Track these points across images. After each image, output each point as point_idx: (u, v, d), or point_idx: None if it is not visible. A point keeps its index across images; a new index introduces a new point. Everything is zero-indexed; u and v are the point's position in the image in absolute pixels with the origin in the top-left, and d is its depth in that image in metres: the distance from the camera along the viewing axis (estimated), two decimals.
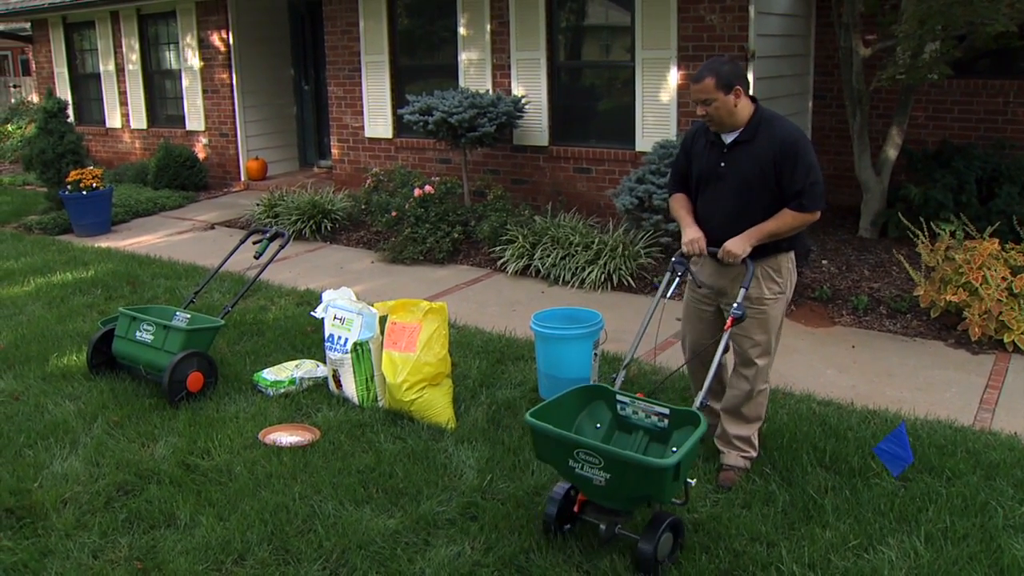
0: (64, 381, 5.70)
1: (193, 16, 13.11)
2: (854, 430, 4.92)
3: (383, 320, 5.21)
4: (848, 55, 8.60)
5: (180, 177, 12.60)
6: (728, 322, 4.05)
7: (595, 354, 4.71)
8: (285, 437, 4.80)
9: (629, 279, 7.71)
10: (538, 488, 4.30)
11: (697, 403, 3.88)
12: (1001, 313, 6.25)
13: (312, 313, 5.48)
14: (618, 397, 3.93)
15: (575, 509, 3.86)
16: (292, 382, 5.42)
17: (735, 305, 4.03)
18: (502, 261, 8.27)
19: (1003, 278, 6.37)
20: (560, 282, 7.83)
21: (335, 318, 5.27)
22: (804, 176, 4.08)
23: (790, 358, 6.08)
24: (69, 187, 10.28)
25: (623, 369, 4.12)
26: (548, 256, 8.00)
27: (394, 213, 8.85)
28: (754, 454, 4.55)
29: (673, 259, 4.29)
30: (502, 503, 4.18)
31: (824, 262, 8.03)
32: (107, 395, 5.42)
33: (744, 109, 4.15)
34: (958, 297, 6.42)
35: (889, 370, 5.95)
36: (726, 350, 4.09)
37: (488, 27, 9.98)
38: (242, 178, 13.25)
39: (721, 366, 4.52)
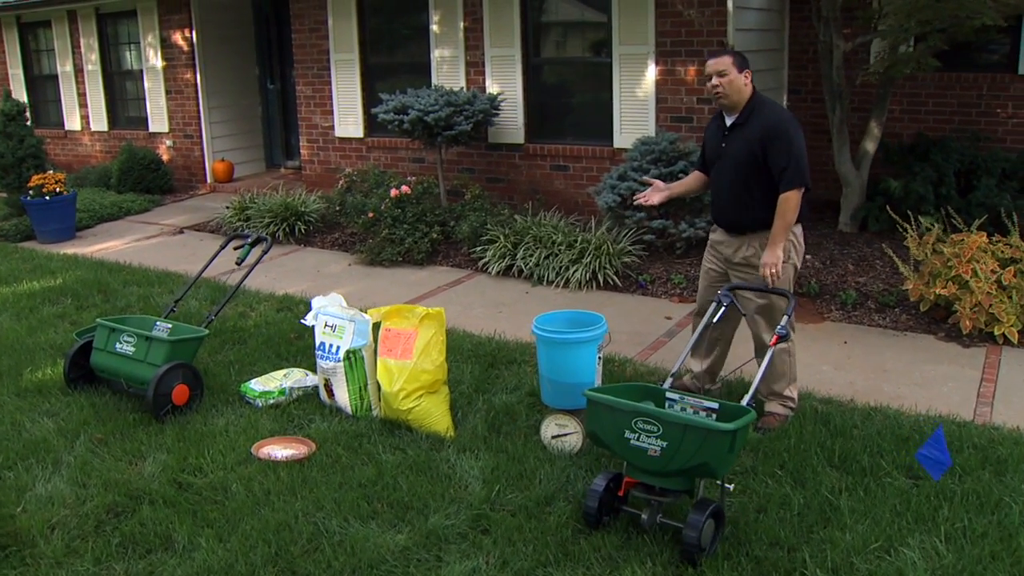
0: (40, 396, 5.45)
1: (155, 15, 12.79)
2: (859, 428, 4.86)
3: (376, 327, 5.04)
4: (827, 49, 8.54)
5: (144, 180, 12.28)
6: (773, 339, 4.33)
7: (599, 358, 4.58)
8: (280, 451, 4.62)
9: (614, 278, 7.60)
10: (547, 498, 4.17)
11: (746, 400, 3.94)
12: (991, 306, 6.22)
13: (302, 320, 5.29)
14: (668, 395, 4.06)
15: (620, 494, 3.93)
16: (282, 392, 5.23)
17: (780, 325, 4.42)
18: (483, 262, 8.12)
19: (992, 271, 6.35)
20: (544, 282, 7.70)
21: (326, 325, 5.09)
22: (786, 155, 4.50)
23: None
24: (31, 192, 9.96)
25: (671, 376, 4.31)
26: (531, 256, 7.86)
27: (371, 214, 8.66)
28: (793, 406, 5.03)
29: (720, 291, 4.62)
30: (512, 514, 4.04)
31: (808, 256, 7.96)
32: (88, 411, 5.19)
33: (746, 93, 4.64)
34: (948, 291, 6.38)
35: (884, 365, 5.90)
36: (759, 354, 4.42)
37: (461, 24, 9.82)
38: (208, 180, 12.96)
39: (715, 340, 5.17)
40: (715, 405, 3.99)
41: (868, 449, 4.59)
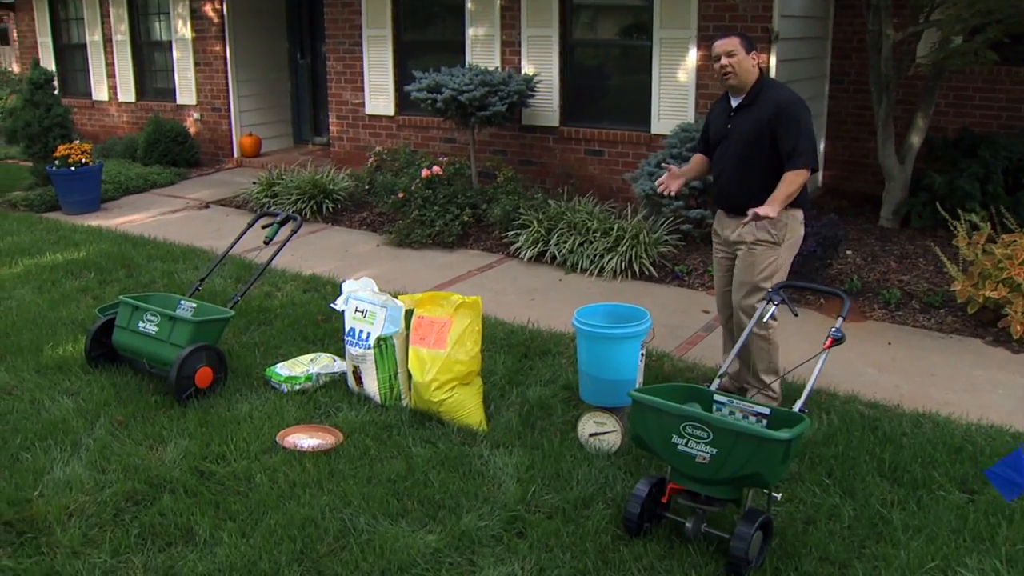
0: (61, 374, 5.30)
1: None
2: (908, 436, 4.64)
3: (408, 314, 4.85)
4: (875, 39, 8.27)
5: (171, 153, 12.13)
6: (827, 342, 4.13)
7: (642, 355, 4.38)
8: (306, 440, 4.45)
9: (650, 268, 7.38)
10: (585, 500, 3.98)
11: (798, 406, 3.79)
12: None
13: (332, 305, 5.11)
14: (715, 397, 3.89)
15: (663, 500, 3.77)
16: (308, 378, 5.05)
17: (835, 328, 4.15)
18: (516, 247, 7.91)
19: None
20: (578, 269, 7.49)
21: (356, 311, 4.90)
22: (796, 135, 4.48)
23: (831, 356, 5.79)
24: (57, 162, 9.82)
25: (718, 378, 4.16)
26: (565, 242, 7.65)
27: (401, 194, 8.47)
28: (775, 397, 4.95)
29: (771, 289, 4.49)
30: (548, 517, 3.86)
31: (849, 252, 7.72)
32: (108, 391, 5.03)
33: (754, 74, 4.63)
34: (998, 293, 6.13)
35: (930, 369, 5.67)
36: None
37: (497, 2, 9.58)
38: (235, 155, 12.80)
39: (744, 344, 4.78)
40: (766, 410, 3.80)
41: (919, 459, 4.38)
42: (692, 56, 8.56)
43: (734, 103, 4.73)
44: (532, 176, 9.58)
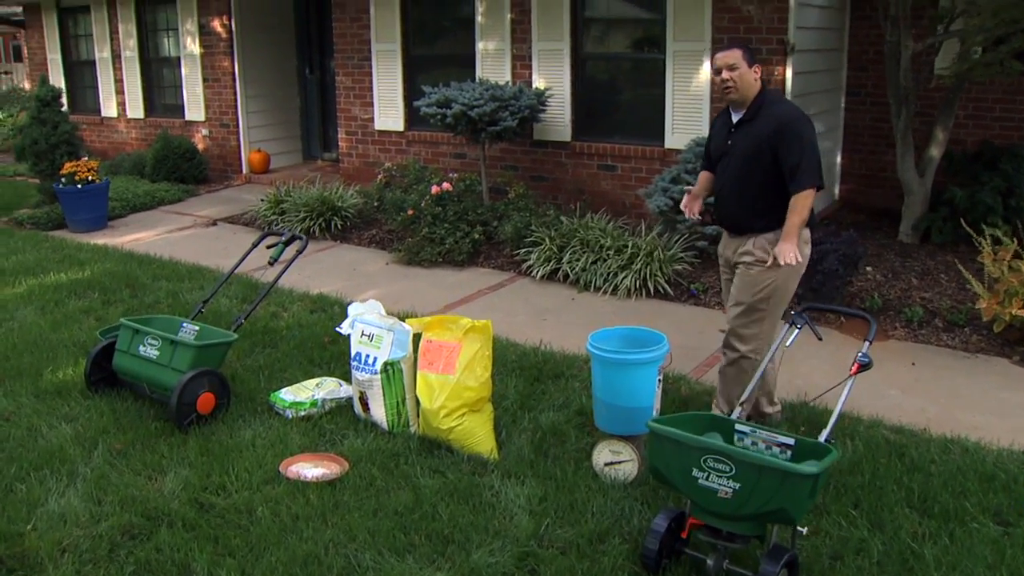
0: (60, 399, 5.16)
1: (193, 1, 12.53)
2: (937, 463, 4.45)
3: (416, 338, 4.68)
4: (894, 50, 8.09)
5: (179, 169, 12.02)
6: (854, 367, 3.91)
7: (659, 381, 4.21)
8: (310, 469, 4.28)
9: (665, 286, 7.21)
10: (601, 534, 3.80)
11: (824, 436, 3.61)
12: None
13: (338, 329, 4.95)
14: (737, 427, 3.72)
15: (683, 535, 3.59)
16: (314, 404, 4.89)
17: (861, 352, 3.93)
18: (527, 264, 7.75)
19: None
20: (591, 288, 7.32)
21: (363, 334, 4.74)
22: (799, 152, 4.30)
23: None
24: (63, 180, 9.72)
25: (740, 406, 4.00)
26: (577, 260, 7.48)
27: (410, 211, 8.31)
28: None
29: (794, 312, 4.26)
30: (562, 552, 3.68)
31: (868, 269, 7.53)
32: (108, 417, 4.88)
33: (755, 88, 4.45)
34: None
35: (956, 391, 5.48)
36: None
37: (508, 15, 9.45)
38: (244, 171, 12.69)
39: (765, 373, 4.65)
40: (790, 440, 3.62)
41: (950, 488, 4.19)
42: (706, 69, 8.39)
43: (735, 118, 4.57)
44: (544, 192, 9.42)
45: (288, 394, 4.95)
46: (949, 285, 7.23)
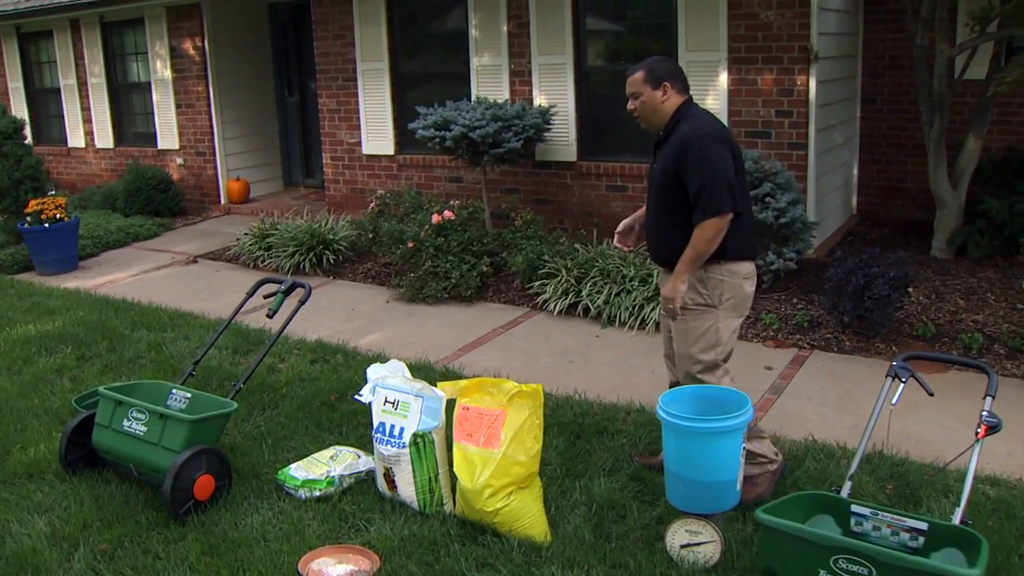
0: (31, 484, 4.43)
1: (163, 23, 11.82)
2: None
3: (450, 404, 4.02)
4: (924, 55, 7.56)
5: (153, 202, 11.27)
6: (982, 431, 3.37)
7: (744, 449, 3.57)
8: (334, 567, 3.60)
9: None
10: None
11: (958, 516, 3.07)
12: None
13: (357, 397, 4.26)
14: (853, 508, 3.13)
15: None
16: (330, 482, 4.20)
17: (986, 411, 3.49)
18: (543, 298, 7.10)
19: None
20: (616, 323, 6.69)
21: (386, 402, 4.07)
22: (699, 175, 3.82)
23: (915, 415, 5.02)
24: (28, 219, 8.98)
25: (849, 479, 3.45)
26: (599, 292, 6.85)
27: (411, 244, 7.64)
28: (772, 457, 4.21)
29: (895, 363, 3.74)
30: None
31: (909, 290, 6.95)
32: (89, 507, 4.16)
33: (666, 109, 4.02)
34: None
35: None
36: None
37: (504, 28, 8.84)
38: (222, 201, 11.96)
39: None
40: (922, 524, 3.00)
41: None
42: (723, 80, 7.82)
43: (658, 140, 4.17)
44: (548, 216, 8.79)
45: (299, 471, 4.26)
46: (999, 305, 6.68)
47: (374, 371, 4.21)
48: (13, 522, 4.08)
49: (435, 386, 4.09)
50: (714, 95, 7.88)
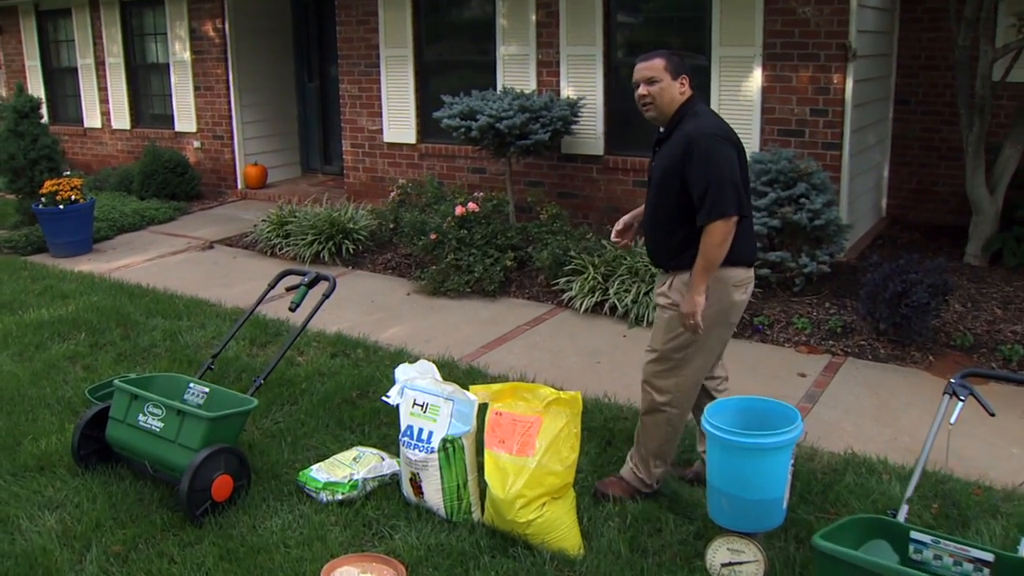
0: (42, 477, 4.27)
1: (184, 3, 11.63)
2: None
3: (482, 408, 3.84)
4: (966, 56, 7.34)
5: (169, 185, 11.10)
6: None
7: (792, 466, 3.39)
8: None
9: None
10: None
11: None
12: None
13: (385, 399, 4.09)
14: (913, 535, 2.95)
15: None
16: (353, 486, 4.03)
17: None
18: (568, 295, 6.91)
19: None
20: (644, 322, 6.49)
21: (415, 404, 3.89)
22: (704, 176, 3.64)
23: (955, 430, 4.81)
24: (43, 200, 8.82)
25: (906, 503, 3.23)
26: (627, 291, 6.66)
27: (433, 236, 7.46)
28: (647, 481, 4.07)
29: (953, 380, 3.51)
30: None
31: (948, 298, 6.74)
32: (102, 504, 4.00)
33: (677, 103, 3.85)
34: None
35: None
36: None
37: (533, 17, 8.63)
38: (239, 186, 11.78)
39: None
40: (989, 556, 2.81)
41: None
42: (757, 77, 7.61)
43: (658, 136, 4.00)
44: (573, 210, 8.60)
45: (321, 473, 4.08)
46: None
47: (403, 372, 4.03)
48: (23, 518, 3.91)
49: (466, 389, 3.92)
50: (747, 92, 7.67)
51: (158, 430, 3.99)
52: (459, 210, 7.53)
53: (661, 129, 3.97)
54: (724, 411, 3.56)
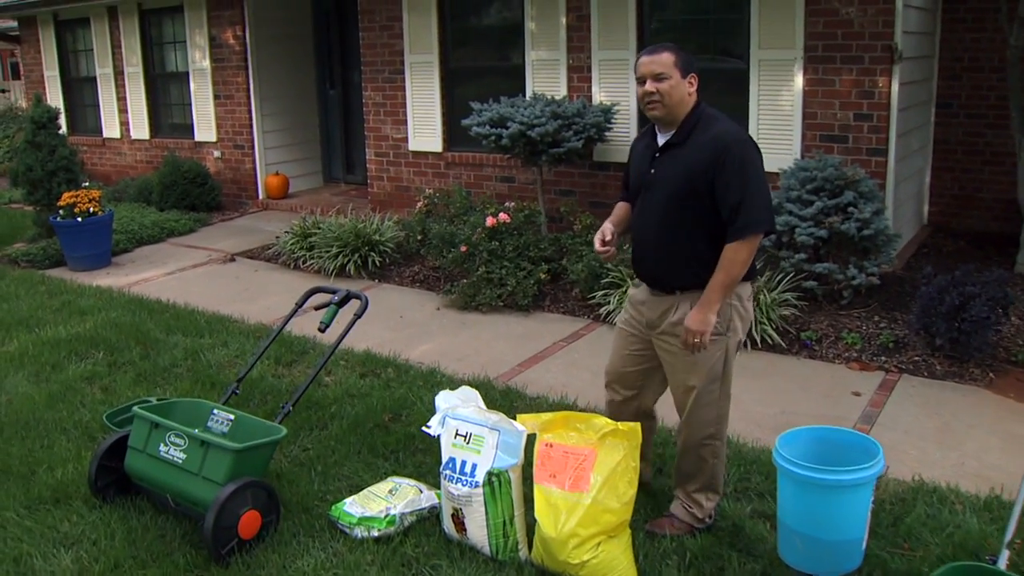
0: (57, 511, 4.01)
1: (203, 11, 11.43)
2: None
3: (530, 439, 3.56)
4: (1018, 56, 7.03)
5: (189, 196, 10.88)
6: None
7: (873, 503, 3.09)
8: None
9: (773, 335, 6.09)
10: None
11: None
12: None
13: (425, 429, 3.80)
14: None
15: None
16: (391, 521, 3.74)
17: None
18: (606, 310, 6.62)
19: None
20: None
21: (457, 434, 3.61)
22: (740, 186, 3.35)
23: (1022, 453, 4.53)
24: (61, 212, 8.61)
25: (1006, 548, 2.93)
26: None
27: (464, 248, 7.18)
28: (700, 516, 3.78)
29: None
30: None
31: (1009, 312, 6.41)
32: (120, 541, 3.73)
33: (688, 103, 3.53)
34: None
35: None
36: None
37: (563, 21, 8.36)
38: (260, 196, 11.55)
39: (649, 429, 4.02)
40: None
41: None
42: (798, 81, 7.31)
43: (660, 140, 3.61)
44: (603, 219, 8.28)
45: (355, 507, 3.80)
46: None
47: (443, 399, 3.75)
48: (37, 557, 3.65)
49: (506, 412, 3.63)
50: (788, 96, 7.37)
51: (180, 462, 3.72)
52: (490, 221, 7.26)
53: (659, 132, 3.63)
54: (796, 442, 3.26)
